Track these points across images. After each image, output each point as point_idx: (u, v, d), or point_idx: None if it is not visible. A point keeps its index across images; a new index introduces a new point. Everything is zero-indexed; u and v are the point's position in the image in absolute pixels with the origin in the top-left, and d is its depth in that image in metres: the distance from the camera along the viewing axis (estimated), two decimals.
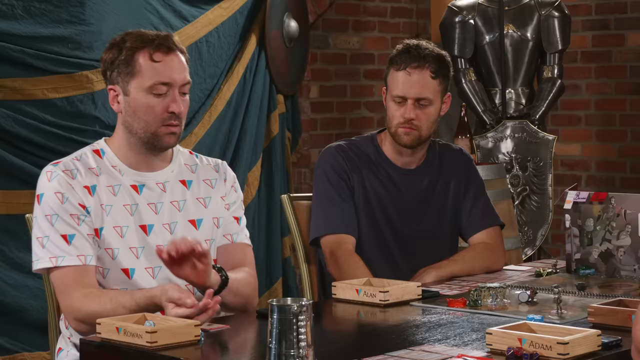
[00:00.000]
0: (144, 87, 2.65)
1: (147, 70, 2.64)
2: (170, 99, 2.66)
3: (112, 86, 2.70)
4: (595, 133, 6.52)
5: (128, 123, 2.69)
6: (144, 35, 2.69)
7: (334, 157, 3.28)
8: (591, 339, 2.16)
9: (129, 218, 2.66)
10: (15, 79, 4.28)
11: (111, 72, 2.69)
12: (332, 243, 3.19)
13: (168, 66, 2.66)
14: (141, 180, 2.71)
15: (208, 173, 2.83)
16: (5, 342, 4.27)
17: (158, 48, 2.65)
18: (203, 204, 2.77)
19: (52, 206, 2.61)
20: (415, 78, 3.18)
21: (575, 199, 3.21)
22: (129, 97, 2.67)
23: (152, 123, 2.66)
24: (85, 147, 2.77)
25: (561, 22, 5.71)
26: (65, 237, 2.58)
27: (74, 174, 2.66)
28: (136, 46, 2.66)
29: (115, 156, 2.73)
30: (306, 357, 1.96)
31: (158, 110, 2.65)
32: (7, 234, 4.26)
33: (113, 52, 2.69)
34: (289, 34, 5.59)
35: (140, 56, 2.65)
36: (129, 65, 2.66)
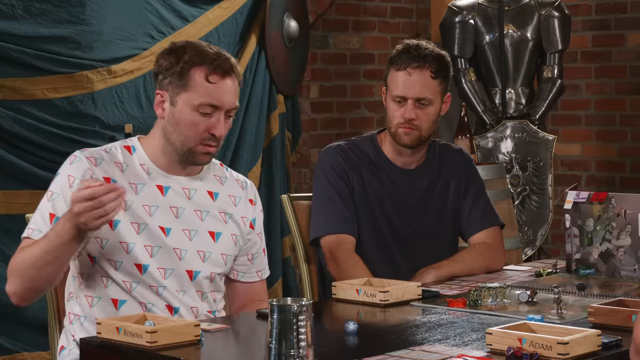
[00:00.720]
0: (192, 104, 2.63)
1: (199, 89, 2.62)
2: (214, 120, 2.64)
3: (160, 91, 2.67)
4: (595, 133, 6.52)
5: (168, 131, 2.67)
6: (205, 52, 2.65)
7: (334, 157, 3.28)
8: (591, 339, 2.16)
9: (147, 217, 2.65)
10: (15, 79, 4.28)
11: (164, 77, 2.66)
12: (332, 243, 3.19)
13: (221, 89, 2.64)
14: (168, 183, 2.70)
15: (235, 189, 2.82)
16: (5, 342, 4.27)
17: (215, 70, 2.62)
18: (224, 219, 2.76)
19: (59, 186, 2.62)
20: (416, 78, 3.18)
21: (575, 199, 3.21)
22: (175, 108, 2.65)
23: (192, 139, 2.65)
24: (117, 142, 2.76)
25: (561, 22, 5.71)
26: (52, 216, 2.59)
27: (98, 162, 2.65)
28: (194, 62, 2.63)
29: (147, 155, 2.71)
30: (306, 357, 1.96)
31: (200, 129, 2.64)
32: (7, 234, 4.26)
33: (170, 59, 2.66)
34: (289, 34, 5.59)
35: (196, 72, 2.62)
36: (182, 78, 2.63)
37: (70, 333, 2.67)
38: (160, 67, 2.68)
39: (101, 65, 4.52)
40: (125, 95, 4.65)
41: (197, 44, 2.69)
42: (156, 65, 2.70)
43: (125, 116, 4.64)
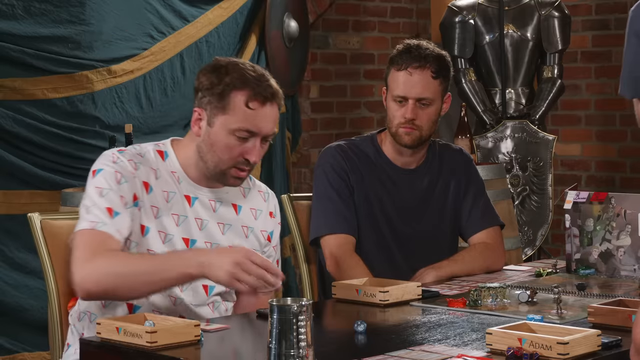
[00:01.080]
0: (229, 128, 2.59)
1: (237, 113, 2.58)
2: (250, 145, 2.61)
3: (198, 109, 2.63)
4: (595, 133, 6.52)
5: (202, 150, 2.64)
6: (247, 75, 2.60)
7: (334, 157, 3.28)
8: (591, 339, 2.16)
9: (174, 228, 2.64)
10: (15, 79, 4.28)
11: (203, 96, 2.62)
12: (332, 243, 3.19)
13: (260, 116, 2.60)
14: (196, 193, 2.68)
15: (256, 201, 2.80)
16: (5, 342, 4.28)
17: (256, 96, 2.58)
18: (245, 234, 2.75)
19: (108, 181, 2.57)
20: (416, 78, 3.18)
21: (575, 199, 3.21)
22: (212, 129, 2.61)
23: (225, 162, 2.62)
24: (149, 145, 2.72)
25: (561, 22, 5.71)
26: (110, 211, 2.54)
27: (137, 166, 2.63)
28: (236, 85, 2.59)
29: (178, 163, 2.68)
30: (306, 357, 1.96)
31: (235, 153, 2.61)
32: (7, 234, 4.27)
33: (212, 78, 2.61)
34: (289, 34, 5.59)
35: (236, 96, 2.59)
36: (222, 100, 2.59)
37: (77, 331, 2.66)
38: (201, 84, 2.63)
39: (101, 65, 4.52)
40: (125, 95, 4.65)
41: (241, 66, 2.63)
42: (197, 81, 2.65)
43: (125, 116, 4.64)
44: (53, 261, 2.79)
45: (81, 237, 2.54)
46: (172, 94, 4.89)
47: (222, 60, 2.66)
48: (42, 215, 2.83)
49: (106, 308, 2.62)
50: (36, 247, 2.81)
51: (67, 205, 4.07)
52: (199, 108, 2.64)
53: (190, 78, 4.98)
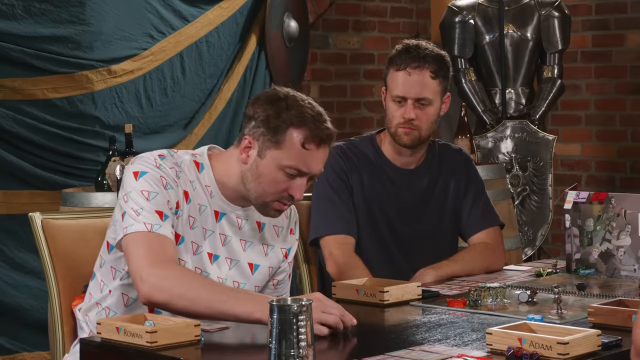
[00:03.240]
0: (280, 164, 2.56)
1: (291, 151, 2.55)
2: (298, 183, 2.58)
3: (250, 138, 2.59)
4: (595, 133, 6.52)
5: (247, 178, 2.61)
6: (306, 114, 2.56)
7: (333, 157, 3.27)
8: (591, 339, 2.16)
9: (203, 241, 2.63)
10: (15, 79, 4.28)
11: (257, 126, 2.58)
12: (332, 243, 3.19)
13: (314, 157, 2.57)
14: (225, 209, 2.66)
15: (279, 219, 2.77)
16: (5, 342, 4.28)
17: (313, 138, 2.56)
18: (265, 252, 2.74)
19: (153, 185, 2.54)
20: (415, 78, 3.18)
21: (575, 199, 3.21)
22: (262, 160, 2.58)
23: (269, 195, 2.59)
24: (186, 154, 2.67)
25: (561, 22, 5.71)
26: (160, 214, 2.52)
27: (179, 174, 2.60)
28: (294, 122, 2.55)
29: (214, 177, 2.65)
30: (306, 357, 1.96)
31: (280, 188, 2.58)
32: (7, 234, 4.27)
33: (269, 111, 2.57)
34: (289, 34, 5.59)
35: (293, 133, 2.55)
36: (277, 135, 2.55)
37: (88, 325, 2.64)
38: (257, 114, 2.59)
39: (101, 65, 4.52)
40: (125, 95, 4.65)
41: (300, 102, 2.59)
42: (251, 109, 2.61)
43: (125, 116, 4.64)
44: (54, 261, 2.79)
45: (139, 240, 2.50)
46: (172, 94, 4.89)
47: (281, 93, 2.61)
48: (43, 214, 2.83)
49: (127, 308, 2.62)
50: (37, 247, 2.80)
51: (67, 205, 4.07)
52: (250, 137, 2.59)
53: (190, 78, 4.99)
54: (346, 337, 2.44)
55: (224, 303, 2.42)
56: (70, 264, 2.79)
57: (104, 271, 2.66)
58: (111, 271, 2.64)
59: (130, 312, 2.59)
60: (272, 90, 2.65)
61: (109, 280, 2.64)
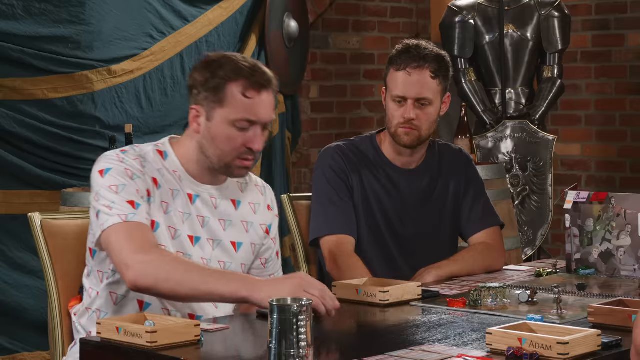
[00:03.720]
0: (229, 120, 2.60)
1: (236, 104, 2.59)
2: (252, 134, 2.62)
3: (195, 106, 2.64)
4: (595, 133, 6.52)
5: (203, 146, 2.65)
6: (241, 66, 2.61)
7: (333, 157, 3.28)
8: (591, 339, 2.16)
9: (181, 225, 2.64)
10: (15, 79, 4.28)
11: (198, 92, 2.63)
12: (332, 244, 3.19)
13: (258, 104, 2.61)
14: (197, 191, 2.68)
15: (254, 195, 2.81)
16: (5, 342, 4.28)
17: (252, 85, 2.59)
18: (245, 228, 2.76)
19: (119, 179, 2.57)
20: (415, 78, 3.18)
21: (575, 199, 3.21)
22: (211, 123, 2.62)
23: (228, 154, 2.62)
24: (148, 146, 2.71)
25: (561, 22, 5.71)
26: (132, 203, 2.54)
27: (143, 164, 2.63)
28: (230, 76, 2.59)
29: (178, 162, 2.68)
30: (306, 357, 1.96)
31: (237, 143, 2.61)
32: (7, 234, 4.27)
33: (205, 74, 2.62)
34: (289, 34, 5.59)
35: (232, 87, 2.59)
36: (218, 93, 2.60)
37: (84, 328, 2.65)
38: (195, 81, 2.64)
39: (101, 65, 4.52)
40: (125, 95, 4.65)
41: (233, 58, 2.64)
42: (190, 79, 2.66)
43: (125, 116, 4.64)
44: (53, 261, 2.79)
45: (118, 232, 2.52)
46: (172, 94, 4.89)
47: (213, 56, 2.67)
48: (43, 215, 2.83)
49: (117, 305, 2.62)
50: (37, 247, 2.81)
51: (67, 205, 4.07)
52: (195, 105, 2.64)
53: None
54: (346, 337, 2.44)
55: (209, 284, 2.44)
56: (69, 264, 2.79)
57: (92, 278, 2.68)
58: (98, 275, 2.66)
59: (121, 309, 2.60)
60: (204, 57, 2.69)
61: (97, 285, 2.66)
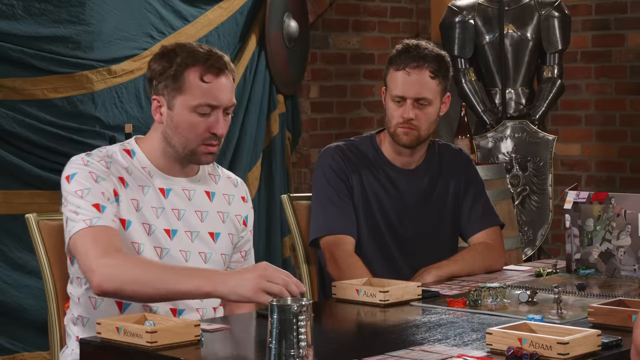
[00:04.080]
0: (189, 106, 2.62)
1: (194, 90, 2.61)
2: (214, 119, 2.64)
3: (156, 97, 2.66)
4: (595, 133, 6.52)
5: (168, 135, 2.66)
6: (196, 51, 2.63)
7: (333, 158, 3.28)
8: (591, 339, 2.16)
9: (155, 220, 2.65)
10: (15, 79, 4.28)
11: (158, 82, 2.65)
12: (332, 244, 3.19)
13: (217, 88, 2.62)
14: (169, 184, 2.70)
15: (228, 187, 2.83)
16: (5, 342, 4.28)
17: (209, 69, 2.61)
18: (222, 219, 2.77)
19: (84, 182, 2.58)
20: (415, 78, 3.18)
21: (575, 199, 3.21)
22: (173, 111, 2.64)
23: (192, 141, 2.64)
24: (115, 146, 2.73)
25: (561, 22, 5.71)
26: (97, 206, 2.56)
27: (109, 165, 2.64)
28: (187, 63, 2.61)
29: (146, 158, 2.70)
30: (306, 357, 1.96)
31: (200, 129, 2.63)
32: (7, 234, 4.27)
33: (162, 63, 2.64)
34: (289, 34, 5.59)
35: (190, 73, 2.61)
36: (177, 80, 2.62)
37: (73, 333, 2.66)
38: (154, 72, 2.66)
39: (101, 65, 4.52)
40: (125, 95, 4.65)
41: (188, 45, 2.67)
42: (149, 70, 2.68)
43: (125, 116, 4.64)
44: (51, 261, 2.79)
45: (83, 237, 2.54)
46: None
47: (168, 45, 2.69)
48: (40, 216, 2.83)
49: (97, 310, 2.63)
50: (34, 248, 2.81)
51: None
52: (156, 96, 2.66)
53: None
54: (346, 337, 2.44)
55: (172, 282, 2.46)
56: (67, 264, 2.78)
57: (74, 285, 2.70)
58: (77, 281, 2.67)
59: (101, 313, 2.60)
60: (160, 48, 2.71)
61: (78, 291, 2.67)
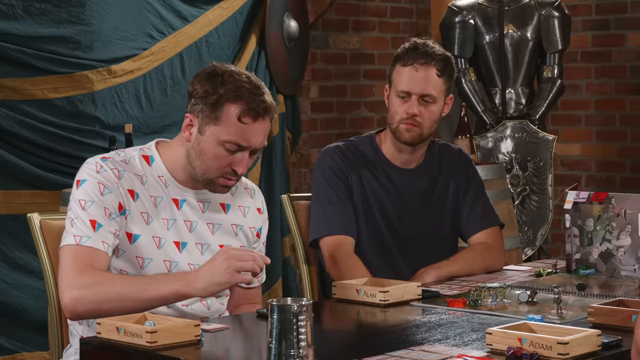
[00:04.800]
0: (220, 139, 2.59)
1: (230, 126, 2.58)
2: (239, 157, 2.61)
3: (190, 115, 2.62)
4: (595, 133, 6.52)
5: (191, 156, 2.64)
6: (242, 88, 2.57)
7: (332, 158, 3.28)
8: (591, 339, 2.16)
9: (165, 232, 2.64)
10: (15, 79, 4.28)
11: (196, 103, 2.61)
12: (331, 244, 3.19)
13: (251, 131, 2.59)
14: (184, 195, 2.68)
15: (244, 199, 2.81)
16: (5, 342, 4.28)
17: (249, 112, 2.57)
18: (234, 232, 2.76)
19: (90, 193, 2.58)
20: (422, 74, 3.19)
21: (575, 199, 3.21)
22: (202, 137, 2.61)
23: (213, 171, 2.62)
24: (134, 150, 2.70)
25: (561, 22, 5.71)
26: (93, 223, 2.55)
27: (121, 175, 2.62)
28: (230, 97, 2.57)
29: (164, 167, 2.68)
30: (306, 357, 1.96)
31: (223, 163, 2.61)
32: (7, 234, 4.27)
33: (207, 87, 2.59)
34: (289, 34, 5.59)
35: (230, 108, 2.57)
36: (215, 110, 2.58)
37: (77, 332, 2.66)
38: (195, 91, 2.62)
39: (101, 65, 4.52)
40: (125, 95, 4.65)
41: (237, 77, 2.60)
42: (191, 87, 2.64)
43: (125, 116, 4.64)
44: (52, 261, 2.79)
45: (66, 255, 2.55)
46: (172, 94, 4.89)
47: (218, 68, 2.64)
48: (42, 215, 2.83)
49: None
50: (36, 248, 2.81)
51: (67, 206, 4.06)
52: (191, 114, 2.63)
53: (190, 78, 4.96)
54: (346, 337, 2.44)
55: (148, 291, 2.47)
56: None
57: None
58: None
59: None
60: (211, 67, 2.66)
61: None
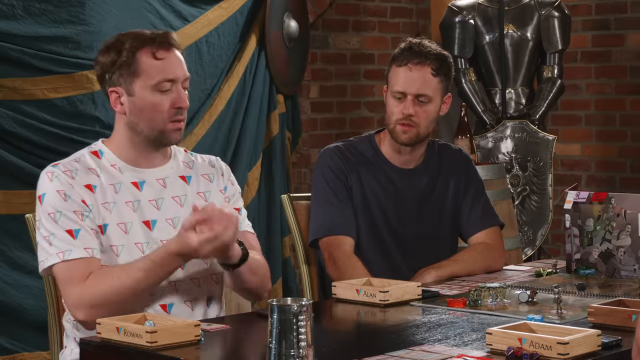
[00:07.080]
0: (150, 85, 2.65)
1: (151, 69, 2.65)
2: (175, 94, 2.67)
3: (113, 88, 2.69)
4: (595, 133, 6.52)
5: (133, 123, 2.69)
6: (142, 34, 2.70)
7: (332, 158, 3.28)
8: (591, 339, 2.16)
9: (132, 214, 2.67)
10: (15, 79, 4.28)
11: (111, 74, 2.68)
12: (331, 245, 3.19)
13: (171, 63, 2.68)
14: (141, 177, 2.72)
15: (205, 169, 2.84)
16: (5, 342, 4.27)
17: (160, 46, 2.66)
18: (204, 198, 2.78)
19: (55, 204, 2.61)
20: (416, 74, 3.19)
21: (575, 199, 3.21)
22: (134, 97, 2.67)
23: (160, 121, 2.67)
24: (83, 149, 2.77)
25: (561, 22, 5.71)
26: (70, 232, 2.58)
27: (73, 174, 2.66)
28: (137, 46, 2.66)
29: (114, 155, 2.73)
30: (306, 357, 1.96)
31: (165, 106, 2.66)
32: (7, 234, 4.26)
33: (111, 54, 2.68)
34: (289, 34, 5.59)
35: (142, 55, 2.66)
36: (131, 66, 2.65)
37: (72, 334, 2.67)
38: (104, 65, 2.69)
39: None
40: None
41: (131, 32, 2.72)
42: (98, 66, 2.71)
43: None
44: None
45: (59, 275, 2.58)
46: None
47: (109, 39, 2.73)
48: None
49: None
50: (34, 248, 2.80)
51: None
52: (112, 88, 2.69)
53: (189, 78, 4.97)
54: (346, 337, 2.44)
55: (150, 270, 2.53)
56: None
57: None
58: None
59: None
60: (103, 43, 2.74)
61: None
